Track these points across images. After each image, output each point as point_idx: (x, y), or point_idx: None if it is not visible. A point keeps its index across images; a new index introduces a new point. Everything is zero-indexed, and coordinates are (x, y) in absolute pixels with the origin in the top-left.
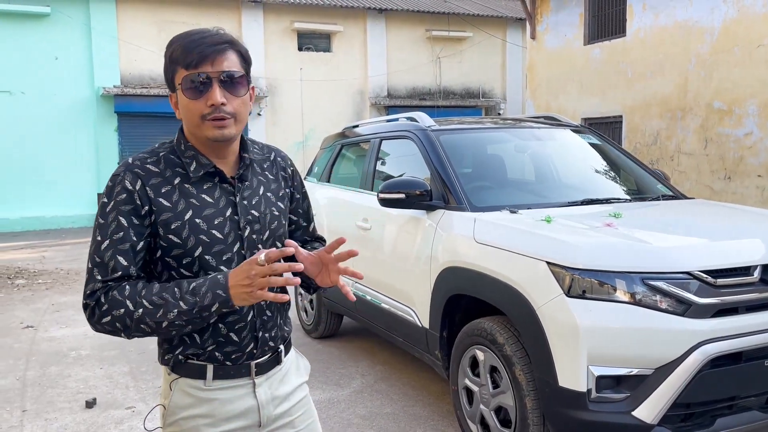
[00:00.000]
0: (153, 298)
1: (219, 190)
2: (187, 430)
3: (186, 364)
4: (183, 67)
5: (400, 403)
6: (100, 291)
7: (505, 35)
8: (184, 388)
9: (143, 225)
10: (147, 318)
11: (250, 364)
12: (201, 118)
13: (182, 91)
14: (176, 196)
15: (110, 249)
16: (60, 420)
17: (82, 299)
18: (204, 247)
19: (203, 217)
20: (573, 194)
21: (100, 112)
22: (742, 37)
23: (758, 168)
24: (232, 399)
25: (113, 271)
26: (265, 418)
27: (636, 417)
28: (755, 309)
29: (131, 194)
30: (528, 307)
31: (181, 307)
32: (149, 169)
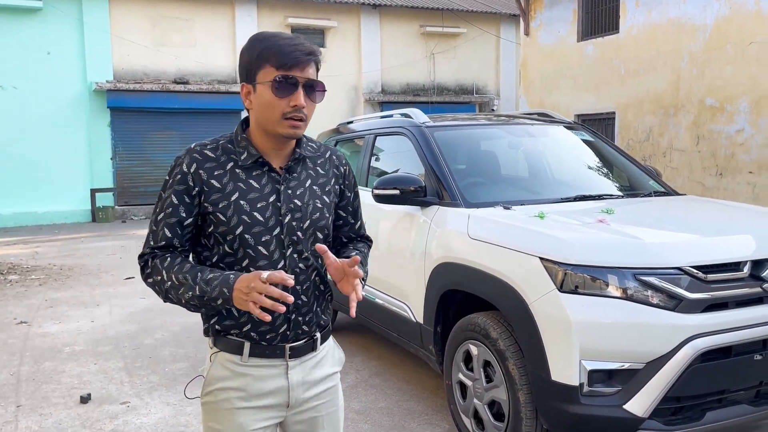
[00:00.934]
0: (179, 276)
1: (267, 178)
2: (220, 401)
3: (226, 339)
4: (274, 67)
5: (395, 398)
6: (148, 255)
7: (498, 31)
8: (222, 362)
9: (192, 203)
10: (173, 291)
11: (284, 347)
12: (281, 115)
13: (270, 88)
14: (226, 179)
15: (162, 221)
16: (55, 415)
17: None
18: (245, 226)
19: (248, 200)
20: (566, 190)
21: (93, 108)
22: (735, 34)
23: (749, 165)
24: (264, 377)
25: (160, 240)
26: (294, 399)
27: (627, 410)
28: (745, 304)
29: (185, 176)
30: (521, 303)
31: (195, 291)
32: (206, 154)
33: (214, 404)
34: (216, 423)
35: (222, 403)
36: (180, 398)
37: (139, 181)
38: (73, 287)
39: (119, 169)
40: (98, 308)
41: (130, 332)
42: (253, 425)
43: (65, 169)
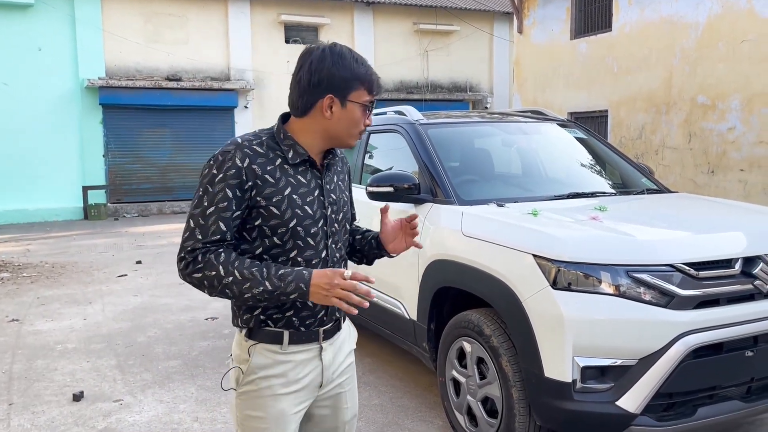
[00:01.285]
0: (244, 272)
1: (310, 174)
2: (263, 389)
3: (263, 331)
4: (367, 91)
5: (388, 395)
6: (199, 251)
7: (492, 29)
8: (262, 352)
9: (243, 197)
10: (234, 286)
11: (318, 331)
12: (359, 131)
13: (356, 106)
14: (278, 174)
15: (214, 215)
16: (47, 413)
17: (178, 250)
18: (298, 219)
19: (299, 194)
20: (559, 188)
21: (85, 104)
22: (726, 32)
23: (741, 162)
24: (303, 362)
25: (213, 234)
26: (326, 379)
27: (620, 407)
28: (736, 301)
29: (239, 170)
30: (514, 299)
31: (266, 286)
32: (256, 149)
33: (255, 392)
34: (256, 411)
35: (264, 391)
36: (174, 395)
37: (132, 179)
38: (65, 285)
39: (111, 167)
40: (91, 306)
41: (123, 330)
42: (292, 410)
43: (57, 167)
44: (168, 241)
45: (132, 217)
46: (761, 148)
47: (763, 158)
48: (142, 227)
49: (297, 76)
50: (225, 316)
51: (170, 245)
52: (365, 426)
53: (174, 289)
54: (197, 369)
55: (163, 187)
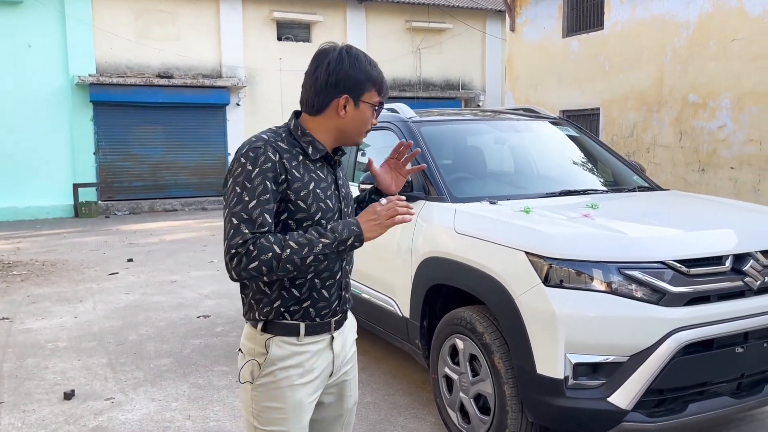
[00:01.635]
0: (299, 239)
1: (326, 170)
2: (281, 379)
3: (279, 324)
4: (378, 93)
5: (381, 392)
6: (249, 241)
7: (484, 27)
8: (280, 344)
9: (278, 191)
10: (294, 256)
11: (331, 321)
12: (367, 130)
13: (367, 107)
14: (302, 170)
15: (258, 207)
16: (38, 412)
17: (225, 251)
18: (322, 213)
19: (321, 189)
20: (551, 185)
21: (76, 102)
22: (717, 31)
23: (731, 160)
24: (317, 352)
25: (261, 226)
26: (336, 367)
27: (611, 403)
28: (726, 297)
29: (274, 164)
30: (507, 297)
31: (324, 242)
32: (281, 146)
33: (273, 384)
34: (275, 402)
35: (282, 382)
36: (166, 393)
37: (123, 176)
38: (55, 283)
39: (102, 164)
40: (81, 304)
41: (114, 328)
42: (308, 399)
43: (47, 164)
44: (159, 239)
45: (123, 214)
46: (751, 146)
47: (753, 156)
48: (133, 225)
49: (313, 75)
50: (217, 314)
51: (162, 243)
52: (357, 423)
53: (166, 287)
54: (189, 367)
55: (154, 184)
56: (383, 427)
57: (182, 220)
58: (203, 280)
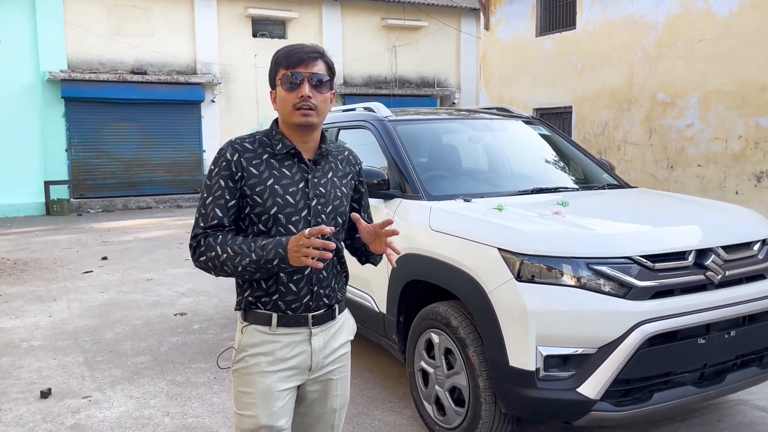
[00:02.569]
0: (234, 248)
1: (296, 168)
2: (251, 365)
3: (256, 313)
4: (283, 68)
5: (358, 387)
6: (200, 236)
7: (459, 25)
8: (253, 332)
9: (236, 187)
10: (228, 262)
11: (307, 316)
12: (293, 106)
13: (281, 86)
14: (263, 167)
15: (211, 204)
16: (15, 410)
17: (189, 243)
18: (278, 207)
19: (281, 185)
20: (524, 183)
21: (47, 98)
22: (685, 32)
23: (698, 158)
24: (291, 344)
25: (211, 220)
26: (316, 363)
27: (581, 393)
28: (690, 291)
29: (229, 163)
30: (480, 292)
31: (252, 257)
32: (245, 146)
33: (245, 370)
34: (246, 387)
35: (252, 368)
36: (144, 391)
37: (96, 174)
38: (28, 282)
39: (75, 161)
40: (56, 303)
41: (90, 327)
42: (279, 386)
43: (17, 161)
44: (134, 237)
45: (96, 212)
46: (717, 144)
47: (719, 154)
48: (107, 223)
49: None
50: (194, 312)
51: (136, 241)
52: None
53: (141, 285)
54: (167, 364)
55: (128, 182)
56: (361, 421)
57: (157, 217)
58: (179, 278)
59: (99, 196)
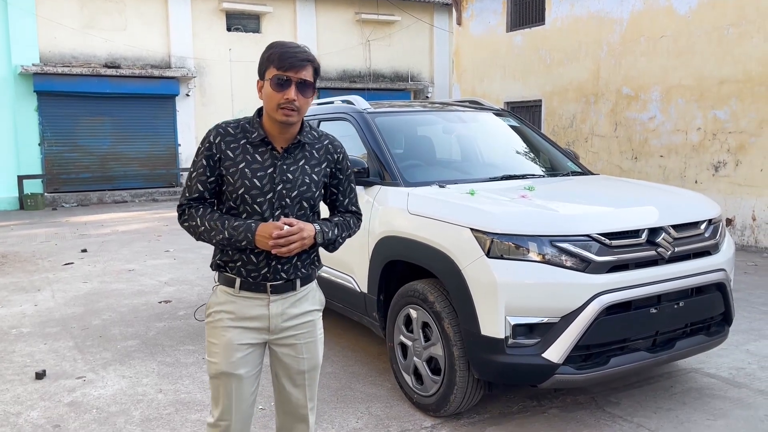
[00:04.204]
0: (212, 223)
1: (268, 155)
2: (217, 321)
3: (224, 275)
4: (275, 68)
5: (340, 363)
6: (185, 205)
7: (432, 20)
8: (220, 292)
9: (215, 166)
10: (205, 233)
11: (266, 285)
12: (277, 105)
13: (269, 84)
14: (239, 152)
15: (195, 178)
16: (11, 391)
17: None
18: (245, 188)
19: (250, 169)
20: (494, 171)
21: (19, 92)
22: (647, 28)
23: (660, 149)
24: (250, 306)
25: (194, 192)
26: (274, 326)
27: (545, 358)
28: (643, 265)
29: (211, 145)
30: (455, 268)
31: (224, 234)
32: (228, 131)
33: (212, 324)
34: (213, 338)
35: (218, 323)
36: (136, 371)
37: (70, 168)
38: (9, 273)
39: (48, 156)
40: (40, 293)
41: (77, 314)
42: (239, 340)
43: None
44: (112, 230)
45: (71, 206)
46: (678, 135)
47: (680, 145)
48: (83, 216)
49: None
50: (178, 299)
51: (114, 234)
52: (320, 391)
53: (124, 275)
54: (156, 347)
55: (103, 176)
56: (344, 394)
57: (133, 211)
58: (161, 269)
59: (73, 191)
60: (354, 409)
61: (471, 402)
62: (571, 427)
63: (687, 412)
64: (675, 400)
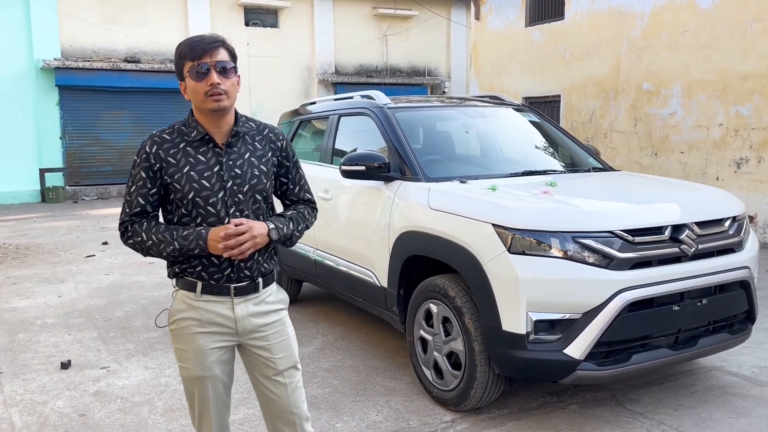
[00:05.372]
0: (159, 236)
1: (211, 153)
2: (182, 328)
3: (184, 280)
4: (189, 60)
5: (360, 357)
6: (127, 222)
7: (450, 15)
8: (181, 298)
9: (155, 177)
10: (154, 247)
11: (230, 287)
12: (204, 94)
13: (189, 77)
14: (180, 156)
15: (135, 192)
16: (38, 380)
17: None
18: (195, 192)
19: (196, 171)
20: (515, 166)
21: (41, 86)
22: (669, 23)
23: (681, 145)
24: (214, 309)
25: (135, 207)
26: (241, 328)
27: (567, 354)
28: (666, 262)
29: (148, 156)
30: (476, 264)
31: (174, 245)
32: (164, 137)
33: (177, 330)
34: (181, 344)
35: (184, 330)
36: (158, 362)
37: (90, 161)
38: (33, 265)
39: (69, 149)
40: (63, 284)
41: (99, 306)
42: (210, 345)
43: (12, 149)
44: None
45: (91, 199)
46: (699, 132)
47: (701, 141)
48: (103, 210)
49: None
50: None
51: None
52: (340, 384)
53: (144, 267)
54: None
55: (123, 170)
56: (364, 387)
57: None
58: None
59: (93, 184)
60: (374, 403)
61: (491, 397)
62: (591, 423)
63: (709, 410)
64: (696, 397)
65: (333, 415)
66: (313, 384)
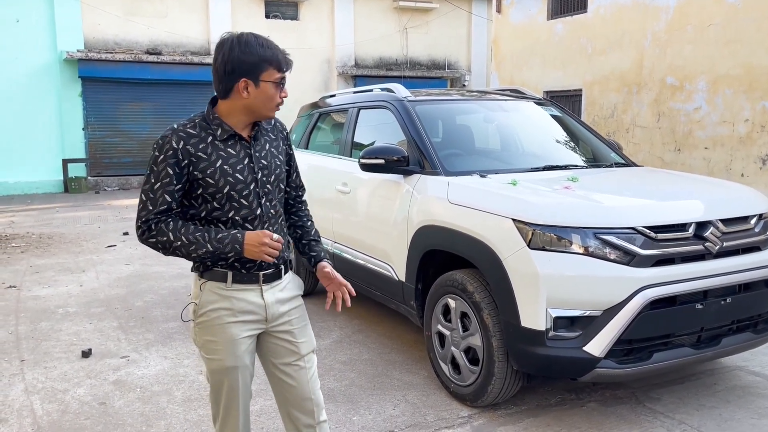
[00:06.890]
0: (189, 237)
1: (239, 146)
2: (213, 319)
3: (212, 271)
4: (275, 69)
5: (377, 351)
6: (151, 220)
7: (470, 8)
8: (211, 289)
9: (182, 173)
10: (182, 248)
11: (258, 274)
12: (276, 104)
13: (268, 84)
14: (210, 150)
15: (160, 189)
16: (59, 368)
17: (135, 221)
18: (230, 186)
19: (229, 165)
20: (536, 161)
21: (64, 77)
22: (695, 16)
23: (705, 141)
24: (245, 298)
25: (161, 205)
26: (270, 314)
27: (586, 351)
28: (689, 260)
29: (176, 151)
30: (495, 259)
31: (208, 248)
32: (189, 132)
33: (208, 322)
34: (211, 336)
35: (214, 321)
36: (177, 352)
37: (112, 152)
38: (55, 254)
39: (91, 140)
40: (84, 274)
41: (120, 295)
42: (241, 334)
43: (36, 139)
44: None
45: (113, 190)
46: (724, 127)
47: (726, 137)
48: (124, 200)
49: (214, 65)
50: None
51: None
52: (357, 377)
53: (164, 258)
54: None
55: (144, 161)
56: (381, 381)
57: None
58: None
59: (115, 174)
60: (391, 397)
61: (509, 393)
62: (610, 421)
63: (731, 410)
64: (718, 397)
65: (350, 408)
66: (330, 377)
